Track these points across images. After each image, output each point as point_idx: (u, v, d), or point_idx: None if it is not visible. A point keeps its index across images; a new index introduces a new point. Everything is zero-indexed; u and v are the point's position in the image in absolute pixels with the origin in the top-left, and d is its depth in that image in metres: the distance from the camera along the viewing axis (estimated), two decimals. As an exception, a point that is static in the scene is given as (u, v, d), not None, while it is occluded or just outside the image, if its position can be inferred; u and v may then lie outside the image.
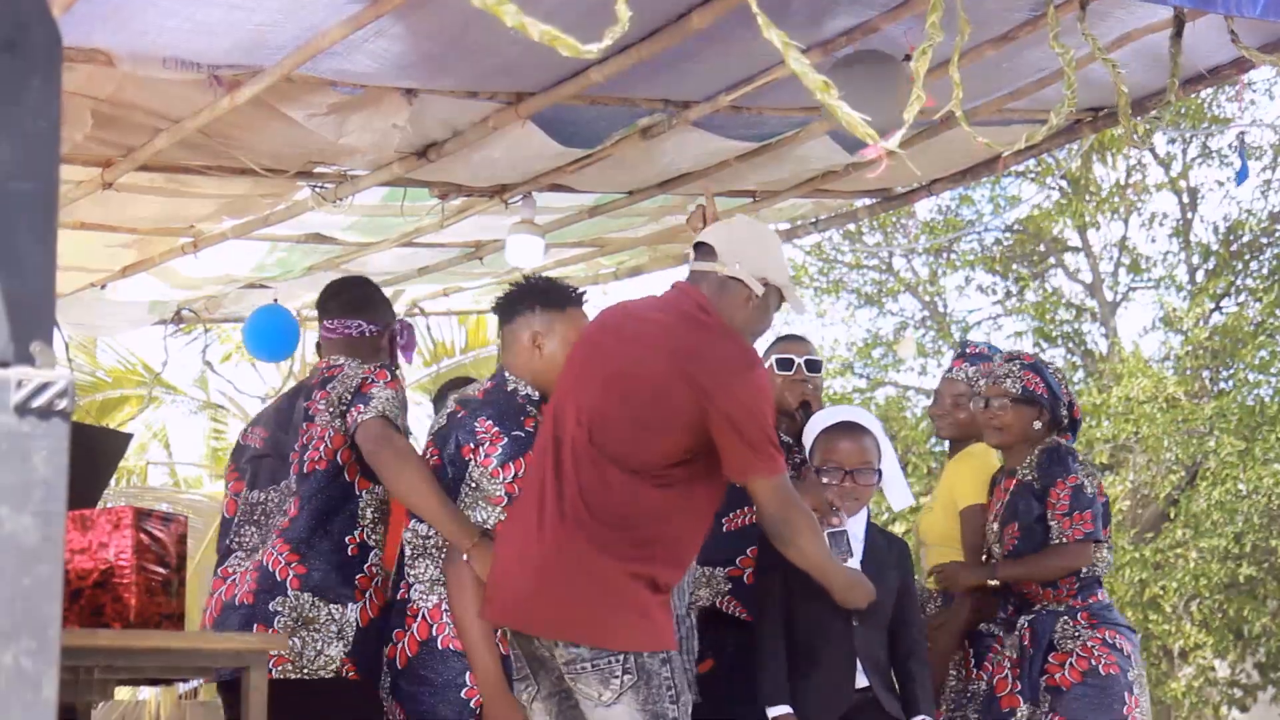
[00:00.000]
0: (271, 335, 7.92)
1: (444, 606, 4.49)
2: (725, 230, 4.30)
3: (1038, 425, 5.27)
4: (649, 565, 3.90)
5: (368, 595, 4.67)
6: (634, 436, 3.96)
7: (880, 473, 4.73)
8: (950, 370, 5.74)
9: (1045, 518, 5.16)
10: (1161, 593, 15.47)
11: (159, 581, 4.74)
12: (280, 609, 4.68)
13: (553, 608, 3.94)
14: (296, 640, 4.63)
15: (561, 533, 3.93)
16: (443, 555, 4.49)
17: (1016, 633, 5.16)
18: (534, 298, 4.61)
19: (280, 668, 4.61)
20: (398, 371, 4.94)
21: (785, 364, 5.29)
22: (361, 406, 4.65)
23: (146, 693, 14.95)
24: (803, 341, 5.53)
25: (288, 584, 4.69)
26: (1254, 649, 16.40)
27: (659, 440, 3.94)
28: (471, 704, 4.46)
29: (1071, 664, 5.03)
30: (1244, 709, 16.70)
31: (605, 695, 3.86)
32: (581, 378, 4.12)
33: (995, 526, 5.28)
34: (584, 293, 4.69)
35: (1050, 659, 5.07)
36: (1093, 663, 5.01)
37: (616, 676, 3.85)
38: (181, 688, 15.06)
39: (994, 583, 5.19)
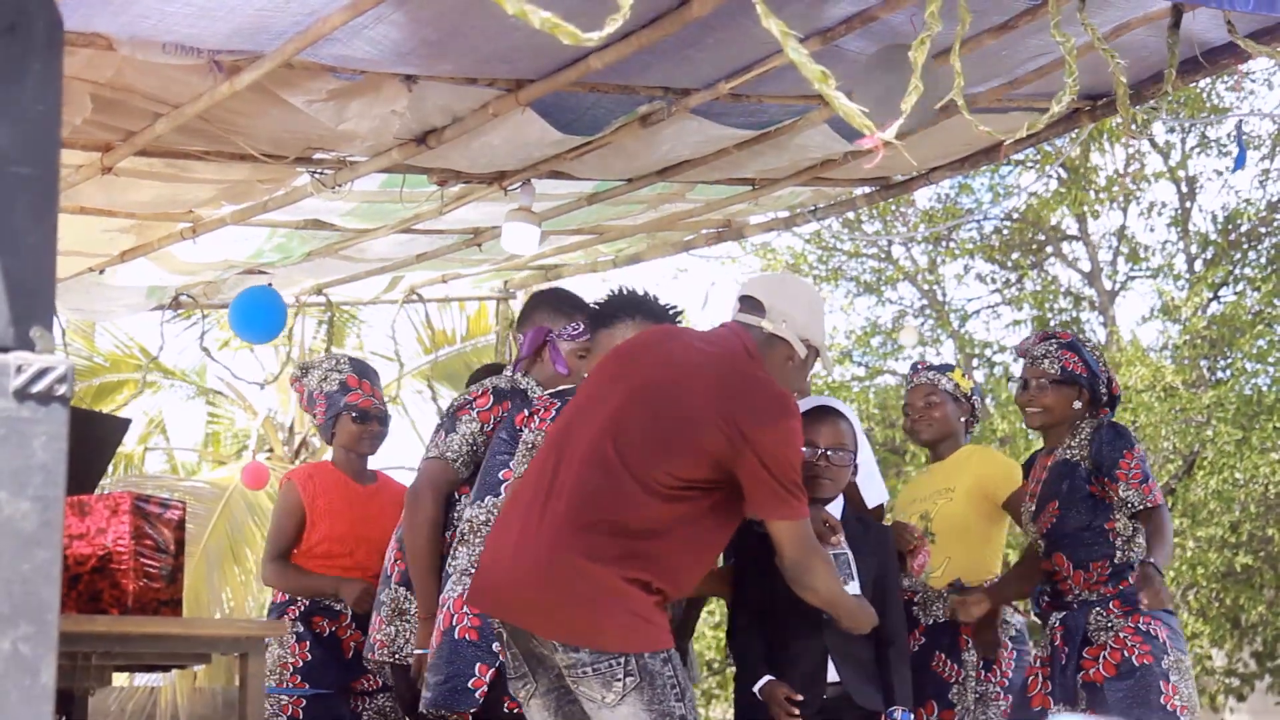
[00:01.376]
0: (258, 316, 7.91)
1: (465, 597, 4.62)
2: (774, 287, 4.36)
3: (1077, 405, 5.23)
4: (643, 572, 3.92)
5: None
6: (652, 453, 3.98)
7: (855, 461, 4.72)
8: (911, 380, 5.75)
9: (1092, 496, 5.10)
10: (1158, 582, 15.47)
11: (157, 568, 4.75)
12: (384, 600, 5.09)
13: (550, 610, 3.95)
14: (392, 628, 5.01)
15: (558, 535, 3.95)
16: (477, 540, 4.76)
17: (1047, 631, 5.12)
18: (638, 309, 4.68)
19: (381, 651, 5.04)
20: (523, 382, 5.18)
21: None
22: (441, 436, 5.03)
23: (154, 679, 14.97)
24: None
25: (392, 578, 5.10)
26: (1251, 638, 16.42)
27: (677, 463, 3.97)
28: (477, 694, 4.52)
29: (1105, 657, 4.94)
30: (1241, 698, 16.73)
31: (609, 698, 3.87)
32: (612, 386, 4.15)
33: (1032, 505, 5.24)
34: (682, 313, 4.76)
35: (1085, 654, 4.99)
36: (1125, 654, 4.92)
37: (619, 679, 3.86)
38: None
39: (979, 610, 5.18)
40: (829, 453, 4.63)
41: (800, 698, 4.45)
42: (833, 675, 4.53)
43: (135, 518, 4.77)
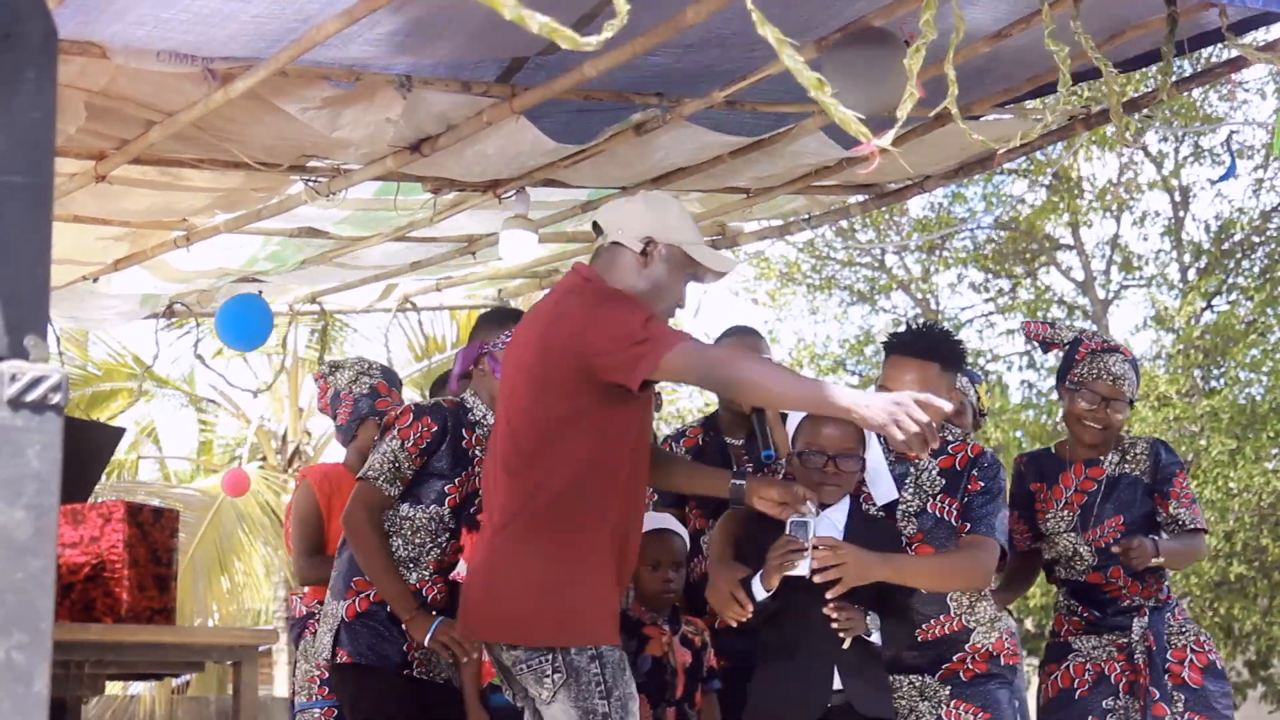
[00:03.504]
0: (244, 324, 7.89)
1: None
2: (613, 204, 4.38)
3: (1127, 426, 5.32)
4: (565, 565, 3.97)
5: (360, 594, 4.99)
6: (527, 429, 4.05)
7: (864, 461, 4.49)
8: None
9: (1153, 511, 5.16)
10: (1152, 590, 15.48)
11: (150, 576, 4.74)
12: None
13: (490, 612, 4.08)
14: (317, 630, 5.17)
15: (490, 544, 4.09)
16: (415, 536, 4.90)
17: (1137, 638, 5.10)
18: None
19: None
20: (440, 401, 5.15)
21: None
22: (371, 457, 4.99)
23: (138, 687, 14.96)
24: (751, 335, 5.35)
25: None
26: (1244, 647, 16.43)
27: (544, 424, 4.01)
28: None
29: (1193, 660, 5.05)
30: (1234, 707, 16.73)
31: (544, 695, 3.96)
32: (501, 387, 4.28)
33: (1071, 515, 5.19)
34: (903, 340, 4.56)
35: (1169, 657, 5.06)
36: (1211, 658, 5.09)
37: (548, 675, 3.94)
38: (173, 683, 15.07)
39: (1158, 561, 5.09)
40: (837, 460, 4.42)
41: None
42: (837, 683, 4.43)
43: (129, 526, 4.76)
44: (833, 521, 4.42)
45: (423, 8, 4.47)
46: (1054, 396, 15.49)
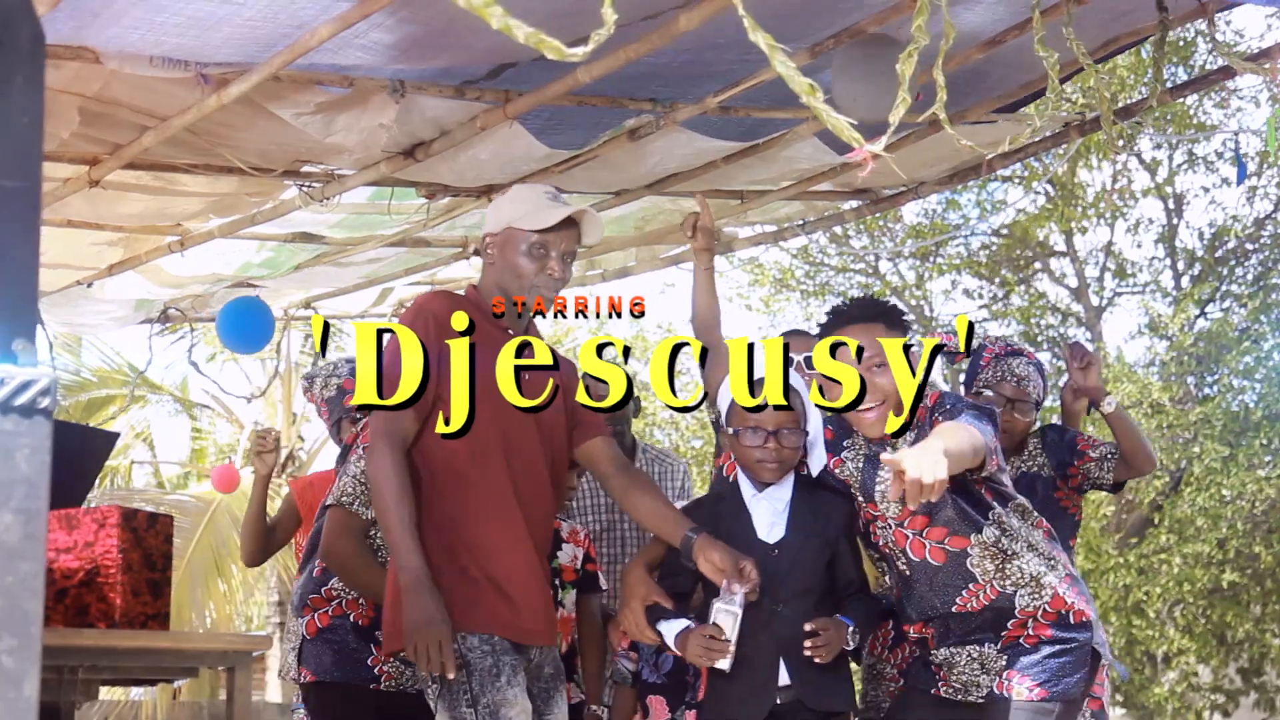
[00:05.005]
0: (246, 326, 7.89)
1: None
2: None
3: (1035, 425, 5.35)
4: (433, 567, 3.99)
5: (318, 610, 4.95)
6: None
7: (807, 433, 4.29)
8: None
9: (1059, 505, 5.20)
10: (1145, 598, 15.49)
11: (144, 581, 4.74)
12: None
13: None
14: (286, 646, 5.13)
15: None
16: None
17: None
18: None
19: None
20: None
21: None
22: (338, 482, 4.88)
23: (139, 692, 14.97)
24: (805, 337, 5.32)
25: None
26: (1237, 654, 16.44)
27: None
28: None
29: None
30: (1226, 714, 16.74)
31: (431, 706, 3.99)
32: None
33: None
34: (843, 311, 4.46)
35: None
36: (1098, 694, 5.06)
37: (429, 685, 3.99)
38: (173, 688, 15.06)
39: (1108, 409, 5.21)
40: (778, 435, 4.24)
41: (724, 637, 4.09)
42: (784, 679, 4.17)
43: (123, 531, 4.76)
44: (775, 507, 4.28)
45: (416, 13, 4.48)
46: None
